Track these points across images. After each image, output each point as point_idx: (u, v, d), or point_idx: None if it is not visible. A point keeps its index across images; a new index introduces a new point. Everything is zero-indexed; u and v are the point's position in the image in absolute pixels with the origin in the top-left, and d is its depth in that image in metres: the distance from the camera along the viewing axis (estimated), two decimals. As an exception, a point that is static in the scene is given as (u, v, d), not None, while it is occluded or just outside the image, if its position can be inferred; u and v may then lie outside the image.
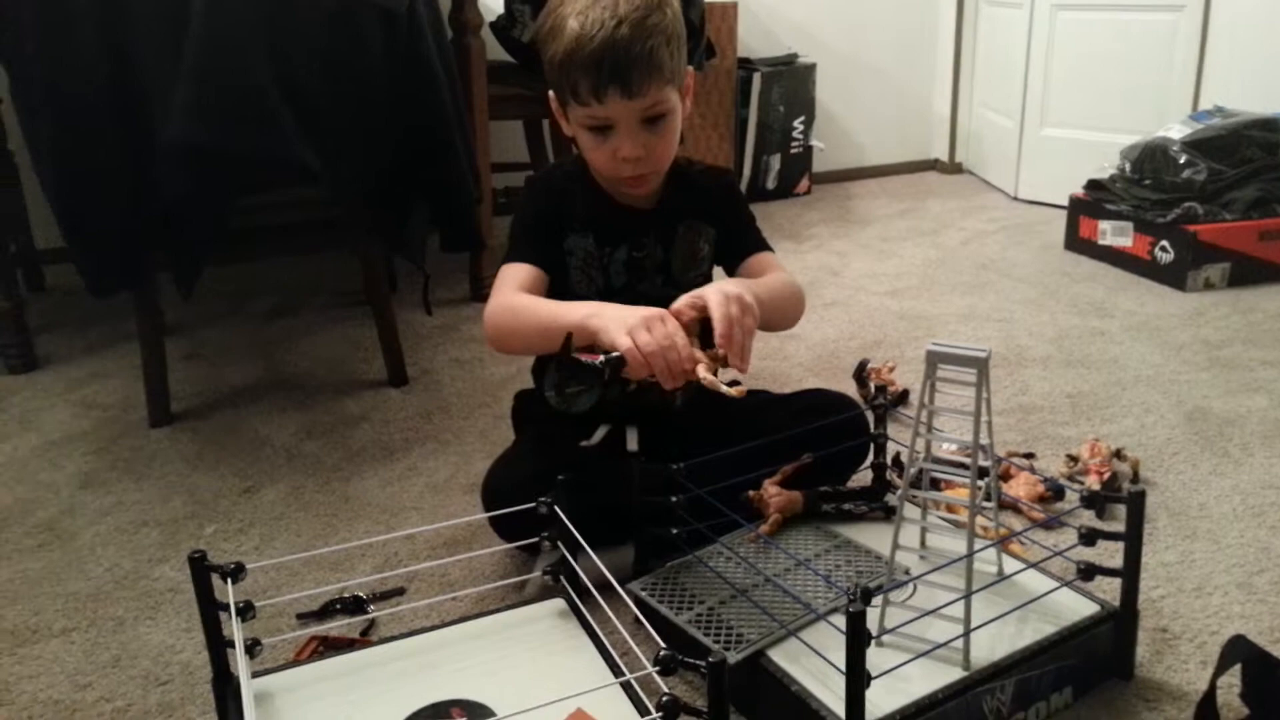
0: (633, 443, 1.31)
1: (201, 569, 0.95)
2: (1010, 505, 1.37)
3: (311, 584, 1.26)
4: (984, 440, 0.97)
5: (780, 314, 1.27)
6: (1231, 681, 0.97)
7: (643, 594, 1.10)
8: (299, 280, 2.53)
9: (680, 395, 1.18)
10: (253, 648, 0.99)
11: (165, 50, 1.47)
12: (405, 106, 1.68)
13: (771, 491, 1.21)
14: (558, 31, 1.16)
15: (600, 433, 1.32)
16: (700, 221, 1.35)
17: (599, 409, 1.23)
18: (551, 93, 1.24)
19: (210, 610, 0.96)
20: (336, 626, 1.18)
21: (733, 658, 0.97)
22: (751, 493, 1.22)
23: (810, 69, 3.24)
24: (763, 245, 1.37)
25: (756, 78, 3.14)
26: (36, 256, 2.45)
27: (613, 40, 1.13)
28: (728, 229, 1.36)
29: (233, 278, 2.49)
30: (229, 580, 0.96)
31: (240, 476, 1.56)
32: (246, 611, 0.97)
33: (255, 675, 0.99)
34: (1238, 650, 0.94)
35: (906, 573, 1.10)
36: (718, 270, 1.38)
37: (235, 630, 0.95)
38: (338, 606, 1.22)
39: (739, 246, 1.36)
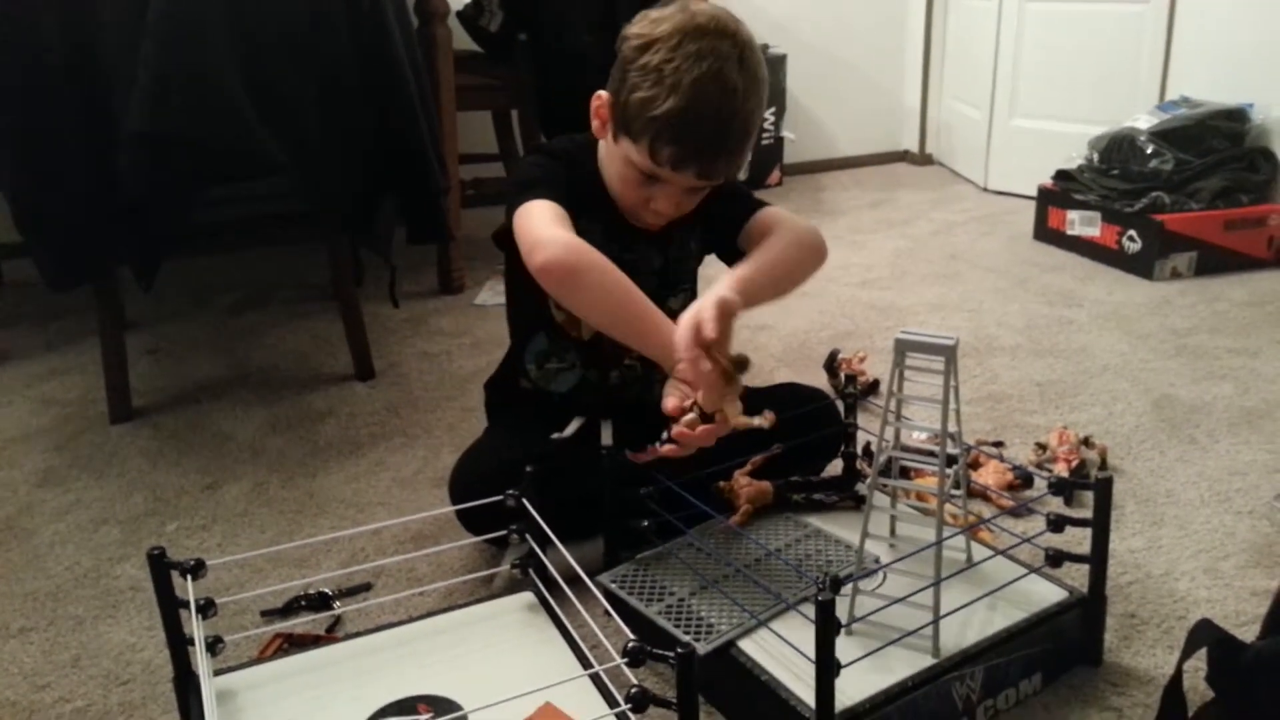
0: (607, 436, 1.30)
1: (161, 566, 0.93)
2: (979, 493, 1.37)
3: (276, 581, 1.25)
4: (952, 428, 0.97)
5: (789, 277, 1.23)
6: (1198, 665, 0.97)
7: (612, 586, 1.09)
8: (263, 274, 2.50)
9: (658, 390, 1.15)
10: (215, 645, 0.97)
11: (125, 39, 1.44)
12: (370, 96, 1.66)
13: (742, 482, 1.21)
14: (666, 81, 1.08)
15: (574, 425, 1.31)
16: (692, 225, 1.32)
17: (576, 396, 1.22)
18: (607, 96, 1.17)
19: (170, 608, 0.95)
20: (301, 623, 1.17)
21: (703, 648, 0.97)
22: (722, 483, 1.21)
23: (781, 60, 3.24)
24: (758, 204, 1.31)
25: (727, 69, 3.12)
26: (-7, 251, 2.41)
27: (725, 132, 1.10)
28: (712, 213, 1.30)
29: (195, 271, 2.45)
30: (189, 577, 0.94)
31: (203, 473, 1.54)
32: (208, 609, 0.96)
33: (218, 673, 0.98)
34: (1203, 634, 0.94)
35: (876, 561, 1.10)
36: (705, 272, 1.36)
37: (195, 627, 0.94)
38: (302, 603, 1.20)
39: (735, 216, 1.29)
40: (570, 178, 1.22)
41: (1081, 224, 2.50)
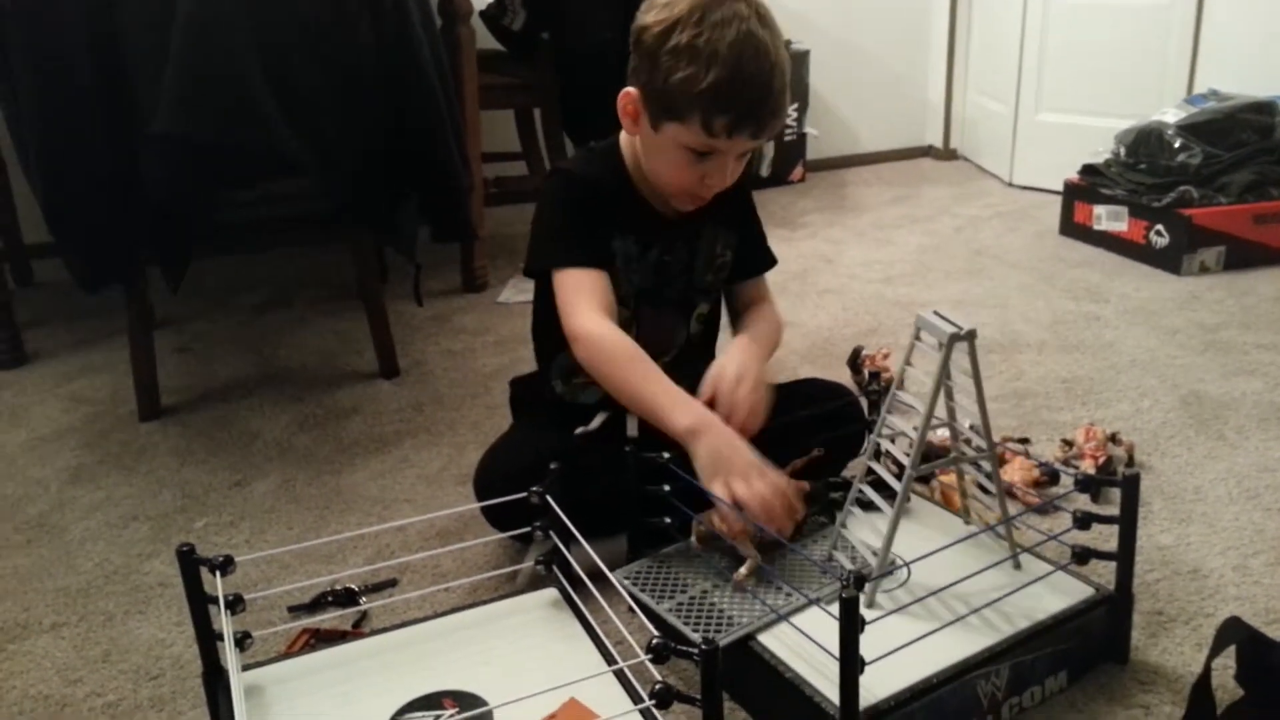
0: (633, 428, 1.30)
1: (190, 562, 0.94)
2: (1005, 490, 1.36)
3: (303, 577, 1.26)
4: (974, 418, 0.96)
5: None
6: (1227, 663, 0.96)
7: (625, 582, 1.09)
8: (289, 273, 2.52)
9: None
10: (243, 640, 0.98)
11: (152, 42, 1.45)
12: (394, 96, 1.66)
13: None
14: (703, 55, 1.10)
15: (599, 419, 1.32)
16: (721, 227, 1.34)
17: (605, 404, 1.23)
18: (634, 92, 1.18)
19: (199, 603, 0.96)
20: (328, 619, 1.18)
21: (721, 641, 0.96)
22: None
23: (804, 56, 3.23)
24: (766, 262, 1.40)
25: (749, 65, 3.12)
26: (24, 251, 2.44)
27: (770, 88, 1.13)
28: (742, 238, 1.37)
29: (222, 271, 2.47)
30: (218, 573, 0.95)
31: (231, 470, 1.55)
32: (236, 604, 0.97)
33: (246, 668, 0.99)
34: (1232, 632, 0.93)
35: (898, 559, 1.09)
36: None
37: (224, 623, 0.95)
38: (329, 599, 1.21)
39: (749, 263, 1.38)
40: (598, 200, 1.24)
41: (1108, 219, 2.48)
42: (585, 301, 1.19)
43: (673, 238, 1.29)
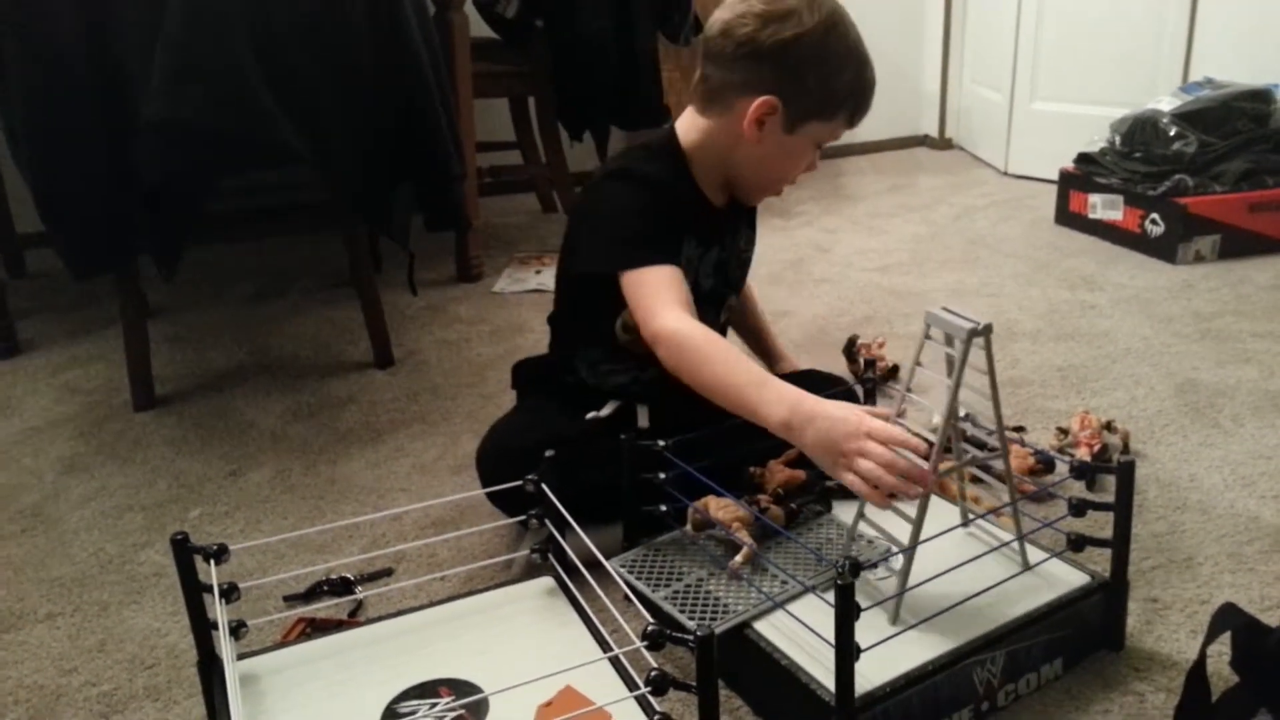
0: (644, 419, 1.30)
1: (184, 551, 0.94)
2: (1000, 476, 1.36)
3: (298, 566, 1.25)
4: (986, 413, 0.96)
5: None
6: (1222, 650, 0.96)
7: (621, 570, 1.09)
8: (283, 262, 2.51)
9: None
10: (238, 630, 0.98)
11: (145, 28, 1.44)
12: (387, 84, 1.66)
13: (775, 469, 1.20)
14: (855, 56, 1.21)
15: (610, 406, 1.31)
16: (747, 226, 1.39)
17: (629, 389, 1.28)
18: (774, 100, 1.17)
19: (194, 592, 0.95)
20: (323, 608, 1.18)
21: (717, 629, 0.96)
22: (754, 468, 1.20)
23: (798, 45, 3.21)
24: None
25: (744, 54, 3.10)
26: (17, 241, 2.43)
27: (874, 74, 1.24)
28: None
29: (216, 260, 2.47)
30: (212, 562, 0.95)
31: (225, 460, 1.55)
32: (231, 593, 0.96)
33: (241, 657, 0.99)
34: (1228, 618, 0.93)
35: (890, 549, 1.09)
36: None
37: (219, 612, 0.94)
38: (324, 588, 1.21)
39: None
40: (669, 201, 1.22)
41: (1104, 207, 2.48)
42: (666, 300, 1.13)
43: (723, 234, 1.32)
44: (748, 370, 1.08)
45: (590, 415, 1.30)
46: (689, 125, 1.25)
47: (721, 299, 1.37)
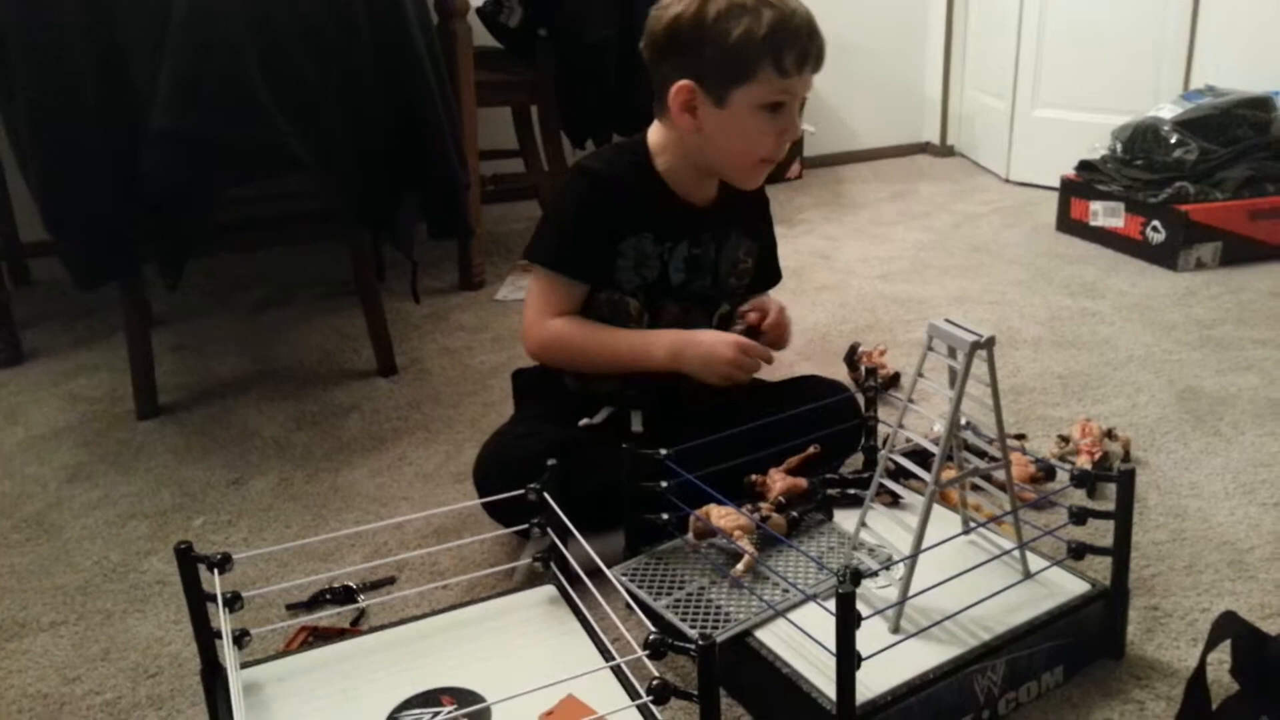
0: (637, 424, 1.31)
1: (188, 560, 0.94)
2: (1001, 485, 1.36)
3: (301, 574, 1.26)
4: (988, 422, 0.96)
5: None
6: (1222, 658, 0.96)
7: (623, 579, 1.09)
8: (286, 271, 2.52)
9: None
10: (241, 638, 0.98)
11: (150, 37, 1.45)
12: (391, 93, 1.66)
13: (775, 477, 1.20)
14: (750, 7, 1.18)
15: (604, 413, 1.32)
16: (745, 236, 1.38)
17: (619, 392, 1.30)
18: (688, 83, 1.21)
19: (197, 601, 0.96)
20: (326, 616, 1.18)
21: (718, 637, 0.97)
22: (755, 476, 1.21)
23: (800, 53, 3.22)
24: (774, 278, 1.48)
25: (746, 62, 3.11)
26: (21, 250, 2.43)
27: (808, 15, 1.22)
28: (761, 250, 1.42)
29: (219, 269, 2.47)
30: (215, 571, 0.95)
31: (229, 468, 1.55)
32: (234, 602, 0.96)
33: (244, 666, 0.99)
34: (1228, 626, 0.94)
35: (890, 558, 1.10)
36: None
37: (223, 621, 0.95)
38: (327, 596, 1.21)
39: (760, 278, 1.44)
40: (616, 198, 1.27)
41: (1105, 215, 2.48)
42: (544, 311, 1.29)
43: (699, 232, 1.32)
44: (621, 334, 1.28)
45: (583, 422, 1.31)
46: (656, 128, 1.31)
47: (713, 303, 1.36)
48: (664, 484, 1.12)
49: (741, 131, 1.23)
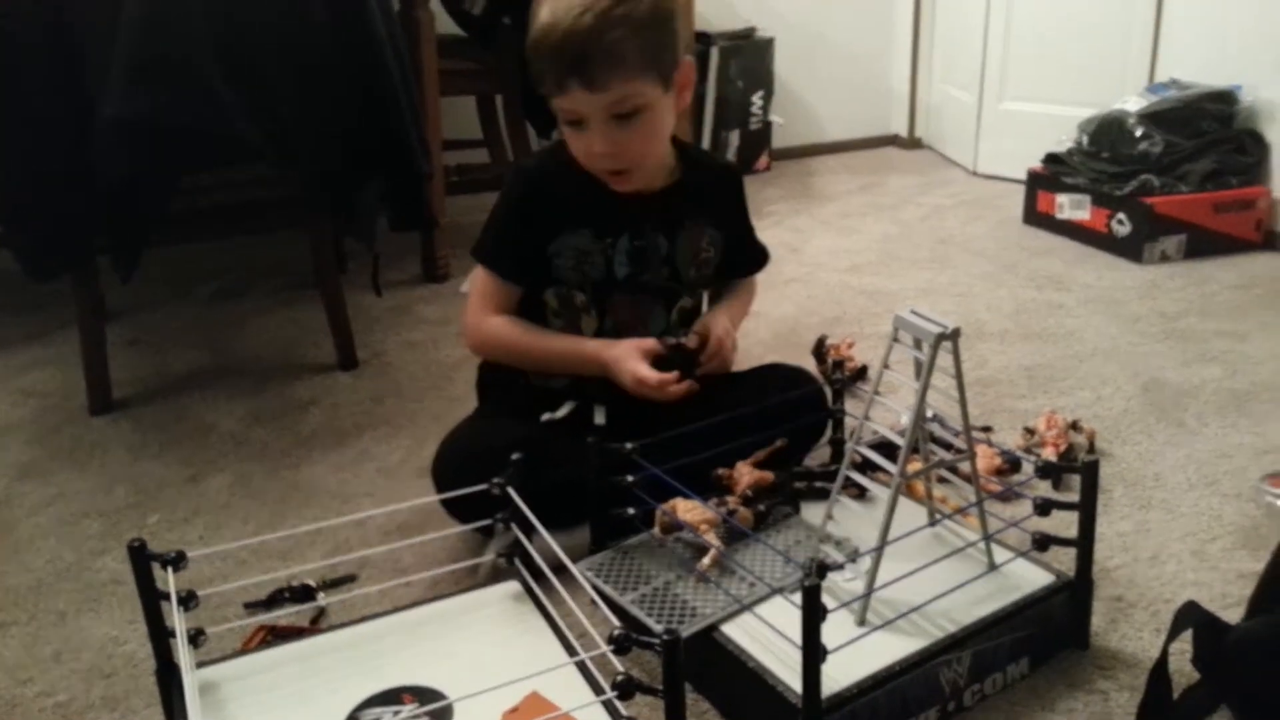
0: (600, 417, 1.29)
1: (142, 558, 0.92)
2: (966, 477, 1.36)
3: (259, 572, 1.23)
4: (953, 414, 0.96)
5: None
6: (1184, 648, 0.97)
7: (588, 574, 1.08)
8: (244, 262, 2.47)
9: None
10: (197, 638, 0.97)
11: (102, 23, 1.42)
12: (351, 81, 1.64)
13: (743, 470, 1.20)
14: (534, 20, 1.16)
15: (566, 407, 1.31)
16: (705, 224, 1.34)
17: (577, 386, 1.29)
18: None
19: (152, 600, 0.94)
20: (285, 615, 1.16)
21: (684, 631, 0.96)
22: (721, 470, 1.20)
23: (769, 43, 3.22)
24: (756, 261, 1.45)
25: (714, 52, 3.10)
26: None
27: (574, 30, 1.12)
28: (730, 238, 1.38)
29: (176, 261, 2.42)
30: (170, 569, 0.93)
31: (185, 464, 1.52)
32: (189, 601, 0.95)
33: (201, 665, 0.97)
34: (1189, 616, 0.94)
35: (857, 550, 1.09)
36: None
37: (177, 620, 0.93)
38: (286, 595, 1.19)
39: (739, 263, 1.42)
40: (545, 195, 1.27)
41: (1071, 207, 2.50)
42: (487, 308, 1.30)
43: (642, 225, 1.29)
44: (554, 340, 1.30)
45: (545, 417, 1.29)
46: None
47: (671, 295, 1.34)
48: (629, 478, 1.11)
49: (566, 139, 1.24)
